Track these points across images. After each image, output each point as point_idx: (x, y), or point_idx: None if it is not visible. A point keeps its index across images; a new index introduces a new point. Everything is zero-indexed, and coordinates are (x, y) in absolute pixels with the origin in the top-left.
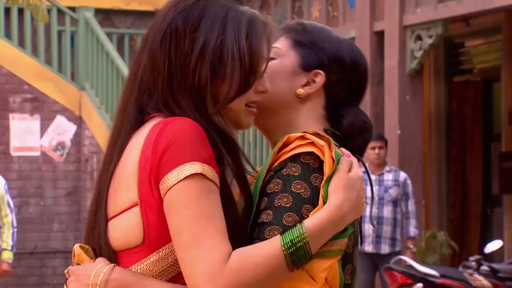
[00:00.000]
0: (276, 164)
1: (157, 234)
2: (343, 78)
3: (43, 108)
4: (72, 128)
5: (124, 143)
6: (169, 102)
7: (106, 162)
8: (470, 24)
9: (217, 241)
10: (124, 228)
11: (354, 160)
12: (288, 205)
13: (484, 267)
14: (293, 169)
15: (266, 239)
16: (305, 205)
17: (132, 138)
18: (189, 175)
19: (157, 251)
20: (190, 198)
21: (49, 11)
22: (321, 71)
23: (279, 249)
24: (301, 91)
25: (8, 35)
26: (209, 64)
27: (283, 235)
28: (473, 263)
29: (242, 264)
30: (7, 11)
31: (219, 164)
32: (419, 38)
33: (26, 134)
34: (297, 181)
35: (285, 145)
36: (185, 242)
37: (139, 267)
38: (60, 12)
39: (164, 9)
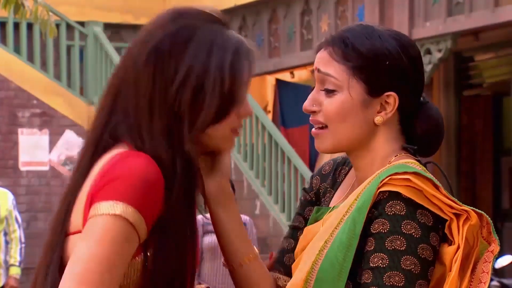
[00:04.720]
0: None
1: None
2: (410, 88)
3: (52, 122)
4: (81, 142)
5: (89, 168)
6: (143, 126)
7: (71, 184)
8: (479, 38)
9: None
10: (69, 251)
11: None
12: (403, 248)
13: (495, 283)
14: (398, 207)
15: (385, 285)
16: (420, 245)
17: (95, 163)
18: (118, 214)
19: None
20: (111, 237)
21: (58, 26)
22: (391, 92)
23: None
24: (379, 119)
25: (17, 50)
26: (191, 91)
27: None
28: None
29: None
30: (16, 26)
31: (168, 201)
32: (428, 52)
33: (35, 149)
34: (406, 221)
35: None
36: (75, 272)
37: None
38: (69, 27)
39: (151, 26)
